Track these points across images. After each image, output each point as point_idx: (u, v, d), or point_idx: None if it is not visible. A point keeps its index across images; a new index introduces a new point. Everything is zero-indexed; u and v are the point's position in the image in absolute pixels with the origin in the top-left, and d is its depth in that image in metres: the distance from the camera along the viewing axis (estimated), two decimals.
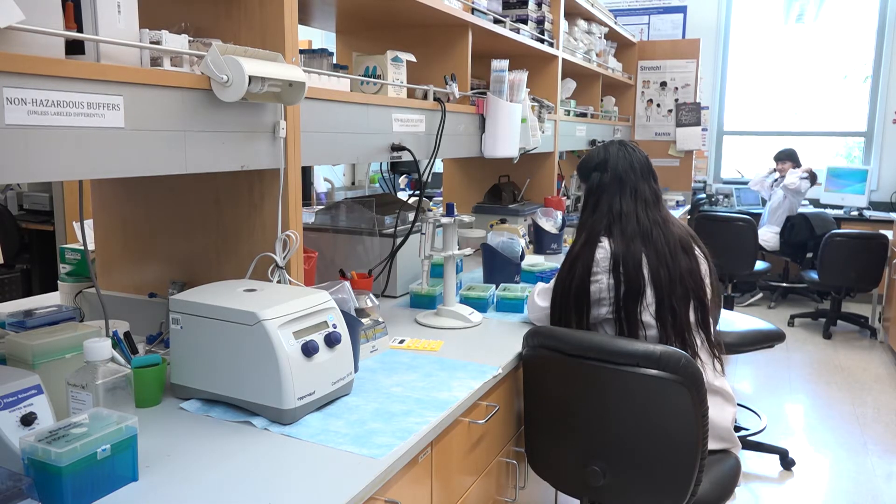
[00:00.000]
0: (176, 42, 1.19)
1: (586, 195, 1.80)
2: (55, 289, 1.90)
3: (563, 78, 3.47)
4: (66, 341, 1.20)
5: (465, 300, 2.02)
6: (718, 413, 1.69)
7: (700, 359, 1.66)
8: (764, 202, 5.80)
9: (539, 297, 1.85)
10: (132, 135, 1.07)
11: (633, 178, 1.75)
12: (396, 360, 1.59)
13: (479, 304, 2.00)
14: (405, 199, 2.47)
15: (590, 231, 1.73)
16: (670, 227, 1.71)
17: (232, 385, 1.24)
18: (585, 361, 1.52)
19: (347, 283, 1.55)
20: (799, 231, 5.28)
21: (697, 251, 1.72)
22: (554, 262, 2.51)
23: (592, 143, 3.96)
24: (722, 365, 1.73)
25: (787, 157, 5.57)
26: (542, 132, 2.85)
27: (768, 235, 5.46)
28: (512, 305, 2.00)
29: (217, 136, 1.24)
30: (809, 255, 5.25)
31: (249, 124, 1.32)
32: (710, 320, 1.71)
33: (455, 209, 1.89)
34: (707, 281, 1.71)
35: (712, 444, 1.66)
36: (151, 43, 1.14)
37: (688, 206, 5.02)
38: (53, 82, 0.95)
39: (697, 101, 5.30)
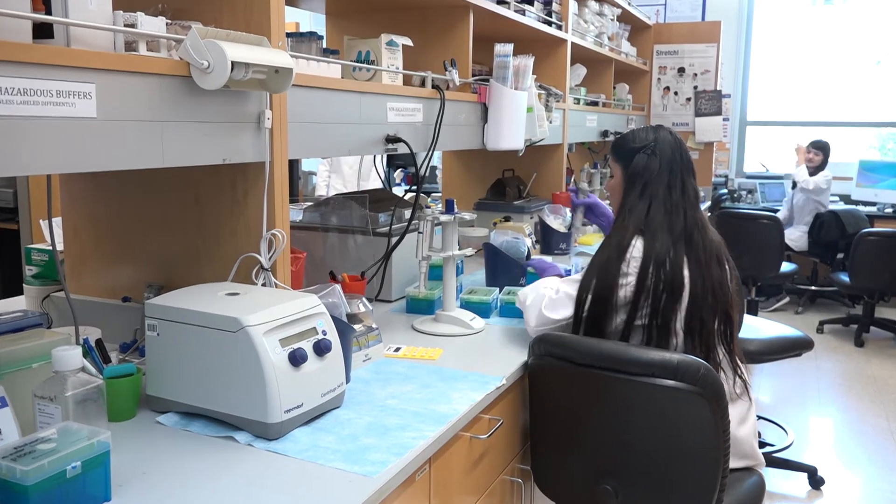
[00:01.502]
0: (152, 25, 1.19)
1: (630, 177, 1.74)
2: (20, 292, 1.90)
3: (572, 63, 3.47)
4: (32, 349, 1.20)
5: (466, 305, 2.02)
6: (741, 427, 1.69)
7: (724, 372, 1.66)
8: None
9: (552, 307, 1.73)
10: (105, 125, 1.07)
11: (683, 169, 1.75)
12: (391, 370, 1.59)
13: (482, 309, 2.00)
14: (401, 194, 2.48)
15: (636, 220, 1.68)
16: (708, 232, 1.71)
17: (213, 397, 1.24)
18: (596, 371, 1.52)
19: (338, 287, 1.55)
20: (829, 230, 5.29)
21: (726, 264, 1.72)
22: (563, 264, 2.52)
23: (604, 133, 3.96)
24: (745, 376, 1.73)
25: (820, 149, 5.56)
26: (550, 122, 2.85)
27: (796, 235, 5.47)
28: (517, 311, 2.00)
29: (197, 126, 1.24)
30: (840, 255, 5.26)
31: (232, 114, 1.32)
32: (735, 335, 1.72)
33: (455, 206, 1.90)
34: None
35: (734, 462, 1.66)
36: (126, 26, 1.15)
37: (708, 203, 5.03)
38: (19, 69, 0.95)
39: (718, 88, 5.31)
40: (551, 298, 1.75)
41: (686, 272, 1.64)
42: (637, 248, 1.66)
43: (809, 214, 5.45)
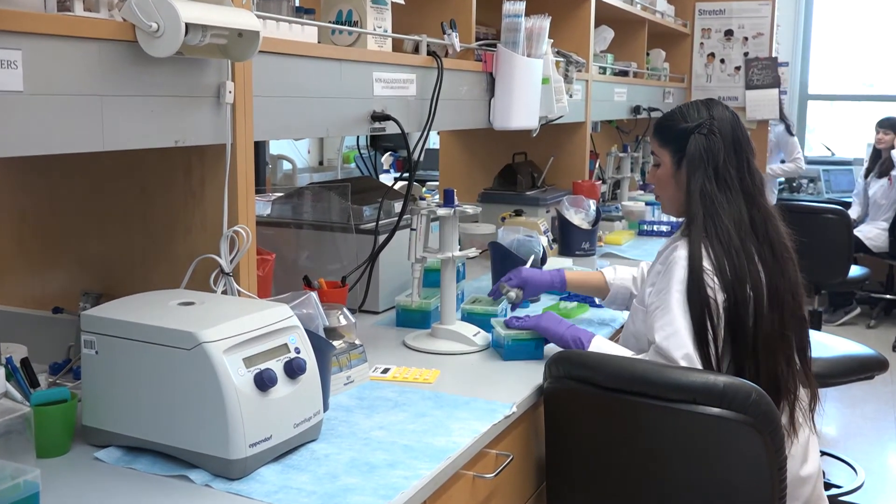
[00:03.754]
0: None
1: (690, 164, 1.73)
2: None
3: (596, 25, 3.47)
4: None
5: (469, 316, 2.03)
6: (802, 465, 1.70)
7: (792, 396, 1.67)
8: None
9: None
10: (33, 101, 1.07)
11: (747, 150, 1.76)
12: (379, 396, 1.59)
13: (487, 322, 2.00)
14: (390, 183, 2.48)
15: (719, 213, 1.68)
16: (778, 223, 1.73)
17: (163, 428, 1.24)
18: (627, 397, 1.53)
19: (314, 295, 1.56)
20: None
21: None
22: (585, 266, 2.52)
23: (635, 109, 3.97)
24: (814, 402, 1.74)
25: (891, 128, 5.58)
26: (570, 96, 2.86)
27: (874, 232, 5.48)
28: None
29: (144, 102, 1.24)
30: None
31: (186, 87, 1.32)
32: (809, 345, 1.74)
33: (455, 197, 1.90)
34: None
35: None
36: None
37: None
38: None
39: (773, 55, 5.32)
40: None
41: (761, 272, 1.66)
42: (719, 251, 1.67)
43: (892, 209, 5.46)
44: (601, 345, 1.77)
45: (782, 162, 5.79)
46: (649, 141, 1.90)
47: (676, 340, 1.60)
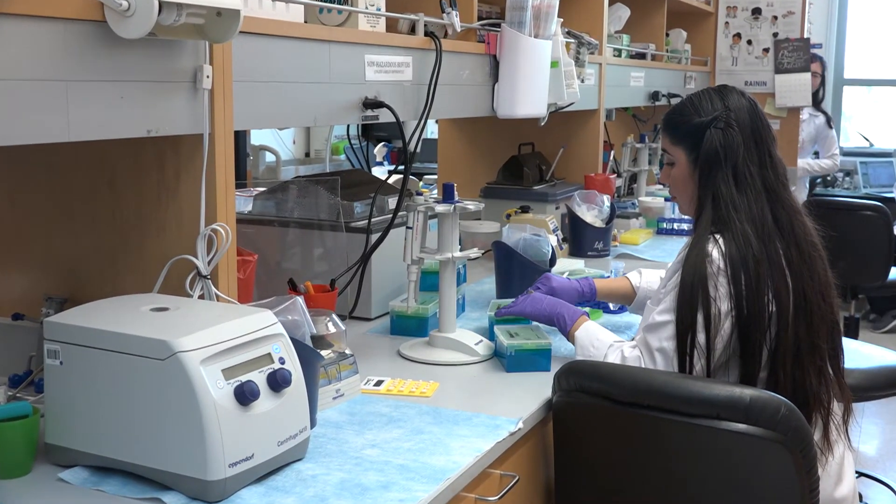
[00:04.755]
0: None
1: (707, 162, 1.73)
2: None
3: (611, 3, 3.48)
4: None
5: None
6: (836, 486, 1.70)
7: (824, 410, 1.67)
8: None
9: (656, 355, 1.70)
10: None
11: (768, 139, 1.76)
12: (371, 410, 1.59)
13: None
14: (383, 177, 2.48)
15: (746, 217, 1.69)
16: (804, 218, 1.74)
17: (134, 447, 1.23)
18: (644, 411, 1.52)
19: (300, 300, 1.56)
20: None
21: None
22: (598, 269, 2.52)
23: (654, 96, 3.97)
24: (847, 415, 1.74)
25: None
26: (582, 81, 2.86)
27: None
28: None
29: (113, 88, 1.24)
30: None
31: (160, 71, 1.32)
32: (842, 352, 1.74)
33: (455, 192, 1.90)
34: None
35: None
36: None
37: (793, 187, 5.03)
38: None
39: (806, 36, 5.31)
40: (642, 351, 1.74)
41: (788, 276, 1.67)
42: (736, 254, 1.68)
43: None
44: (590, 329, 1.81)
45: (815, 155, 5.77)
46: (661, 137, 1.90)
47: (663, 332, 1.68)
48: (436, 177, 3.78)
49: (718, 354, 1.67)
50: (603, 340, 1.79)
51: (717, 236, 1.70)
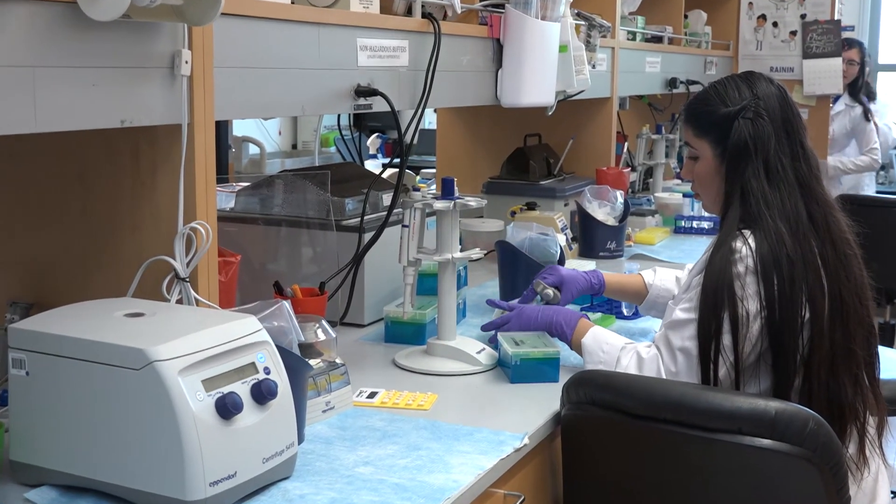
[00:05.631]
0: None
1: (736, 155, 1.74)
2: None
3: None
4: None
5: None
6: None
7: (860, 423, 1.68)
8: None
9: (676, 364, 1.70)
10: None
11: (800, 129, 1.77)
12: (364, 425, 1.59)
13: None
14: (377, 171, 2.48)
15: (780, 214, 1.70)
16: (837, 213, 1.74)
17: (106, 464, 1.23)
18: (660, 426, 1.52)
19: (287, 305, 1.55)
20: None
21: None
22: (611, 270, 2.52)
23: (671, 83, 3.97)
24: (882, 428, 1.74)
25: None
26: (593, 67, 2.86)
27: None
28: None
29: (84, 74, 1.24)
30: None
31: (135, 56, 1.32)
32: (878, 359, 1.74)
33: (456, 188, 1.90)
34: None
35: None
36: None
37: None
38: None
39: (836, 18, 5.31)
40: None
41: (823, 277, 1.67)
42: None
43: None
44: (597, 334, 1.81)
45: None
46: (682, 129, 1.90)
47: (686, 330, 1.68)
48: (434, 171, 3.78)
49: (745, 359, 1.67)
50: (613, 344, 1.79)
51: (747, 232, 1.70)
